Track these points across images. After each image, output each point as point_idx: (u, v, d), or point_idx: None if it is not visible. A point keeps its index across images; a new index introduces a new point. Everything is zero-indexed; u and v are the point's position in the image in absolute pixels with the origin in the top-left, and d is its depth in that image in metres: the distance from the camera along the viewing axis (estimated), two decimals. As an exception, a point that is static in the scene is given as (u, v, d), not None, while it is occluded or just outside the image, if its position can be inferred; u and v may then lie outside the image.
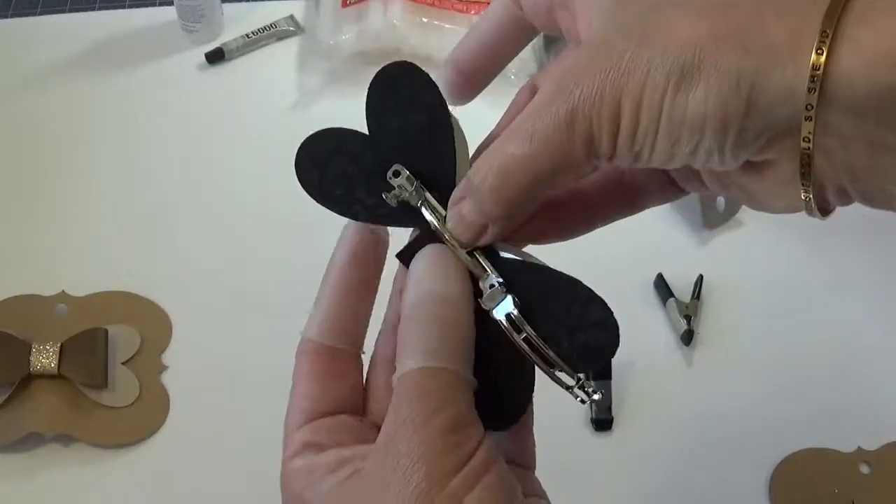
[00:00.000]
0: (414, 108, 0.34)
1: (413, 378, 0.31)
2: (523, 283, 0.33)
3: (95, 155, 0.81)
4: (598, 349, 0.32)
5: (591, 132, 0.29)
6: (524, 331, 0.32)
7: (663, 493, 0.65)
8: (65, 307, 0.71)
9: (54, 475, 0.64)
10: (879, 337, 0.72)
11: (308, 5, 0.92)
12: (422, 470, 0.29)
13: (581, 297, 0.32)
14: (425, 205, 0.33)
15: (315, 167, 0.35)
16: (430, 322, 0.32)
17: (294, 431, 0.34)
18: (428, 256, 0.33)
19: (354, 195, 0.34)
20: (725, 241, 0.76)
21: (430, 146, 0.34)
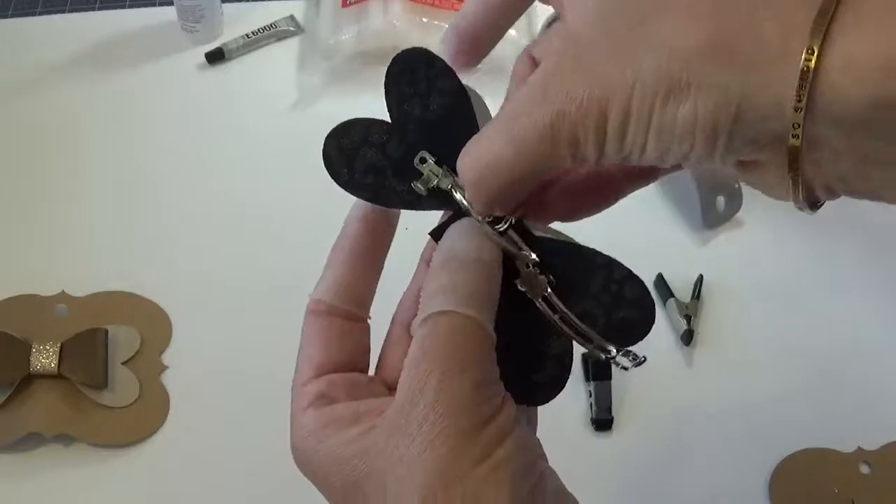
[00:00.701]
0: (432, 94, 0.34)
1: (440, 324, 0.30)
2: (558, 262, 0.33)
3: (95, 155, 0.81)
4: (634, 327, 0.33)
5: (577, 139, 0.29)
6: (559, 310, 0.33)
7: (663, 493, 0.65)
8: (65, 307, 0.71)
9: (54, 475, 0.64)
10: (879, 337, 0.72)
11: (308, 5, 0.92)
12: (451, 424, 0.29)
13: (618, 276, 0.33)
14: (455, 188, 0.33)
15: (343, 158, 0.35)
16: (461, 270, 0.31)
17: (305, 384, 0.34)
18: (458, 227, 0.33)
19: (385, 184, 0.35)
20: (725, 241, 0.76)
21: (452, 130, 0.34)
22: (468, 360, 0.30)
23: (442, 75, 0.34)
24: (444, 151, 0.34)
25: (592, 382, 0.67)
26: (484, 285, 0.32)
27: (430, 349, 0.30)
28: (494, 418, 0.30)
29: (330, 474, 0.31)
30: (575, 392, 0.67)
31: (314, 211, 0.78)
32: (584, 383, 0.68)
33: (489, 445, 0.29)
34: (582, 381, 0.68)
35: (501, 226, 0.33)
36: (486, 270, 0.32)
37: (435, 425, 0.29)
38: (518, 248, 0.33)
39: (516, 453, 0.29)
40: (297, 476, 0.69)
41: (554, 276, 0.33)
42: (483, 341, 0.31)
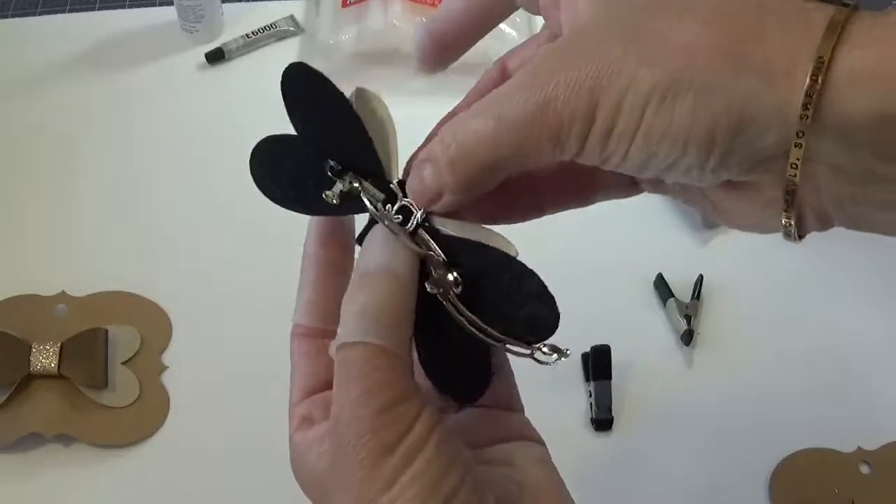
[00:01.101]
0: (317, 107, 0.34)
1: (347, 355, 0.31)
2: (465, 260, 0.33)
3: (95, 155, 0.81)
4: (542, 320, 0.32)
5: (560, 128, 0.28)
6: (461, 311, 0.33)
7: (663, 493, 0.65)
8: (65, 307, 0.71)
9: (54, 475, 0.64)
10: (879, 337, 0.72)
11: (308, 5, 0.92)
12: (363, 450, 0.30)
13: (515, 272, 0.32)
14: (363, 193, 0.34)
15: (270, 175, 0.36)
16: (367, 295, 0.32)
17: (294, 406, 0.36)
18: (372, 234, 0.34)
19: (311, 195, 0.35)
20: (725, 241, 0.76)
21: (347, 138, 0.34)
22: (374, 386, 0.31)
23: (323, 88, 0.34)
24: (346, 158, 0.34)
25: (592, 382, 0.67)
26: (395, 305, 0.32)
27: (341, 379, 0.31)
28: (406, 436, 0.30)
29: (307, 489, 0.34)
30: (575, 392, 0.67)
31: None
32: (584, 383, 0.68)
33: (400, 465, 0.30)
34: (582, 381, 0.68)
35: (410, 225, 0.33)
36: (397, 286, 0.32)
37: (348, 453, 0.30)
38: (427, 249, 0.33)
39: (427, 469, 0.30)
40: (297, 476, 0.68)
41: (463, 274, 0.32)
42: (391, 366, 0.31)
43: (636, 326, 0.71)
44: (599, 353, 0.67)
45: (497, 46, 0.87)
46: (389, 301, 0.32)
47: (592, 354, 0.67)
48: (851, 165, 0.27)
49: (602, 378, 0.67)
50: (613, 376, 0.67)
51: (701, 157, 0.27)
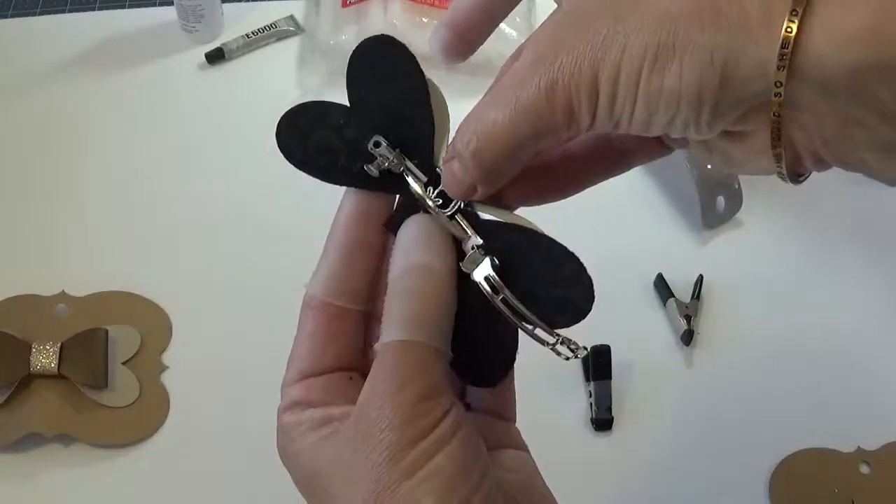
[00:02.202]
0: (393, 80, 0.35)
1: (391, 349, 0.32)
2: (504, 244, 0.34)
3: (95, 155, 0.81)
4: (575, 305, 0.33)
5: (571, 103, 0.30)
6: (501, 291, 0.33)
7: (663, 492, 0.65)
8: (65, 307, 0.71)
9: (54, 475, 0.64)
10: (879, 337, 0.72)
11: (308, 5, 0.92)
12: (389, 436, 0.31)
13: (557, 255, 0.33)
14: (407, 172, 0.34)
15: (297, 138, 0.36)
16: (410, 297, 0.33)
17: (288, 386, 0.36)
18: (411, 228, 0.34)
19: (337, 164, 0.35)
20: (725, 241, 0.76)
21: (409, 116, 0.34)
22: (411, 377, 0.32)
23: (403, 61, 0.34)
24: (398, 137, 0.34)
25: (592, 382, 0.67)
26: (433, 305, 0.33)
27: (379, 368, 0.32)
28: (432, 431, 0.31)
29: (294, 469, 0.34)
30: (575, 392, 0.67)
31: (314, 211, 0.78)
32: (584, 383, 0.68)
33: (422, 458, 0.31)
34: (582, 381, 0.68)
35: (449, 210, 0.34)
36: (436, 283, 0.33)
37: (375, 438, 0.31)
38: (464, 232, 0.34)
39: (449, 465, 0.31)
40: (297, 476, 0.68)
41: (499, 258, 0.33)
42: (427, 361, 0.32)
43: (636, 326, 0.71)
44: (599, 353, 0.67)
45: (497, 47, 0.88)
46: (432, 299, 0.33)
47: (592, 354, 0.67)
48: (832, 111, 0.28)
49: (602, 378, 0.67)
50: (613, 376, 0.67)
51: (694, 113, 0.29)
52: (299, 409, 0.35)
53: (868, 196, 0.79)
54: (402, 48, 0.35)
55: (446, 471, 0.30)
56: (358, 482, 0.31)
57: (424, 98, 0.34)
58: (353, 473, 0.31)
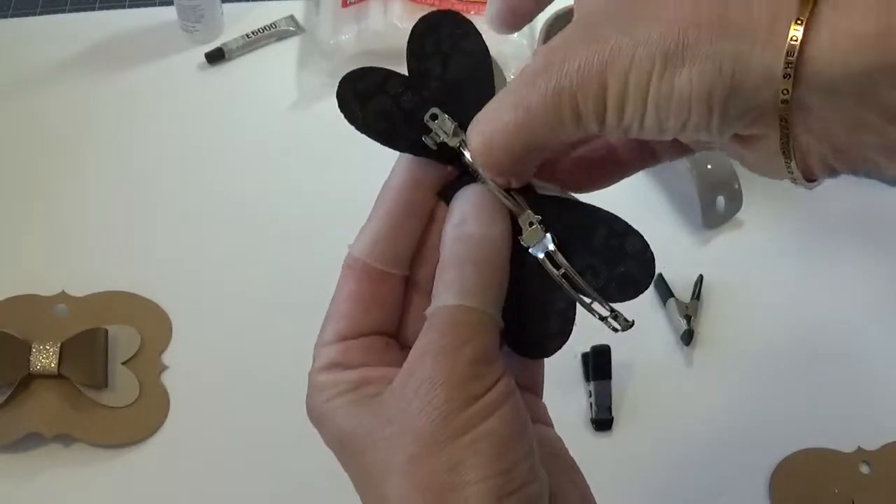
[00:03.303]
0: (456, 54, 0.35)
1: (445, 313, 0.32)
2: (561, 219, 0.34)
3: (95, 155, 0.81)
4: (634, 280, 0.34)
5: (578, 110, 0.30)
6: (562, 266, 0.33)
7: (663, 493, 0.65)
8: (65, 307, 0.71)
9: (54, 475, 0.64)
10: (879, 337, 0.72)
11: (308, 5, 0.92)
12: (445, 392, 0.30)
13: (619, 230, 0.34)
14: (464, 146, 0.34)
15: (357, 101, 0.35)
16: (467, 264, 0.33)
17: (324, 346, 0.35)
18: (468, 197, 0.34)
19: (397, 130, 0.35)
20: (725, 241, 0.76)
21: (470, 91, 0.35)
22: (465, 338, 0.31)
23: (468, 37, 0.35)
24: (457, 111, 0.34)
25: (592, 382, 0.67)
26: (489, 273, 0.33)
27: (432, 330, 0.32)
28: (486, 393, 0.31)
29: (327, 425, 0.34)
30: (575, 392, 0.67)
31: (314, 210, 0.78)
32: (584, 383, 0.68)
33: (477, 417, 0.30)
34: (582, 381, 0.68)
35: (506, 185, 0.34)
36: (493, 252, 0.33)
37: (429, 393, 0.30)
38: (521, 208, 0.34)
39: (502, 428, 0.31)
40: (296, 475, 0.69)
41: (556, 232, 0.34)
42: (484, 325, 0.32)
43: (636, 326, 0.71)
44: (599, 353, 0.67)
45: (496, 46, 0.88)
46: (489, 267, 0.33)
47: (592, 354, 0.67)
48: (840, 116, 0.28)
49: (602, 378, 0.67)
50: (613, 376, 0.67)
51: (704, 119, 0.29)
52: (337, 370, 0.34)
53: (868, 196, 0.79)
54: (470, 24, 0.35)
55: (498, 433, 0.30)
56: (405, 440, 0.30)
57: (488, 74, 0.35)
58: (401, 431, 0.31)
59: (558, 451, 0.36)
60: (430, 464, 0.30)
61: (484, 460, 0.30)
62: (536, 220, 0.34)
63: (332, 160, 0.78)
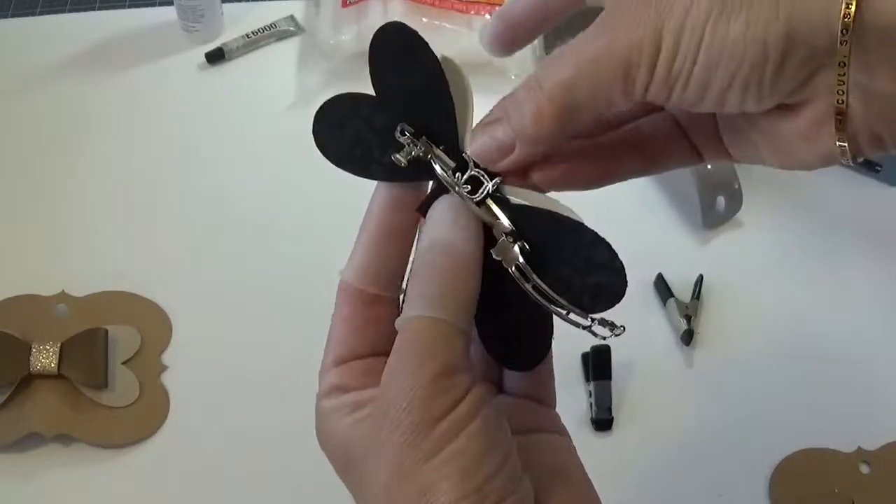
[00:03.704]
0: (409, 68, 0.35)
1: (410, 325, 0.32)
2: (534, 230, 0.33)
3: (95, 155, 0.81)
4: (607, 290, 0.33)
5: (630, 59, 0.30)
6: (531, 279, 0.33)
7: (663, 493, 0.65)
8: (65, 307, 0.71)
9: (54, 475, 0.64)
10: (879, 337, 0.72)
11: (308, 5, 0.92)
12: (409, 417, 0.30)
13: (586, 240, 0.33)
14: (434, 159, 0.34)
15: (332, 132, 0.35)
16: (432, 273, 0.33)
17: (325, 372, 0.35)
18: (440, 207, 0.34)
19: (371, 156, 0.35)
20: (725, 241, 0.76)
21: (429, 103, 0.34)
22: (429, 354, 0.31)
23: (419, 50, 0.34)
24: (422, 123, 0.34)
25: (592, 382, 0.67)
26: (459, 280, 0.33)
27: (397, 348, 0.32)
28: (453, 410, 0.30)
29: (332, 452, 0.34)
30: (575, 392, 0.67)
31: (314, 210, 0.78)
32: (584, 383, 0.68)
33: (444, 437, 0.30)
34: (582, 381, 0.68)
35: (478, 196, 0.34)
36: (462, 262, 0.33)
37: (396, 417, 0.30)
38: (494, 218, 0.34)
39: (472, 445, 0.30)
40: (295, 475, 0.69)
41: (529, 243, 0.33)
42: (445, 337, 0.32)
43: (636, 326, 0.70)
44: (599, 353, 0.67)
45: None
46: (454, 276, 0.33)
47: (592, 354, 0.67)
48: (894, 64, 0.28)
49: (602, 378, 0.67)
50: (613, 376, 0.67)
51: (757, 70, 0.29)
52: (337, 393, 0.34)
53: (868, 196, 0.79)
54: (413, 34, 0.35)
55: (468, 452, 0.30)
56: (380, 463, 0.30)
57: (441, 84, 0.34)
58: (377, 454, 0.31)
59: (564, 464, 0.36)
60: (403, 489, 0.30)
61: (455, 482, 0.29)
62: (507, 230, 0.33)
63: (332, 160, 0.78)
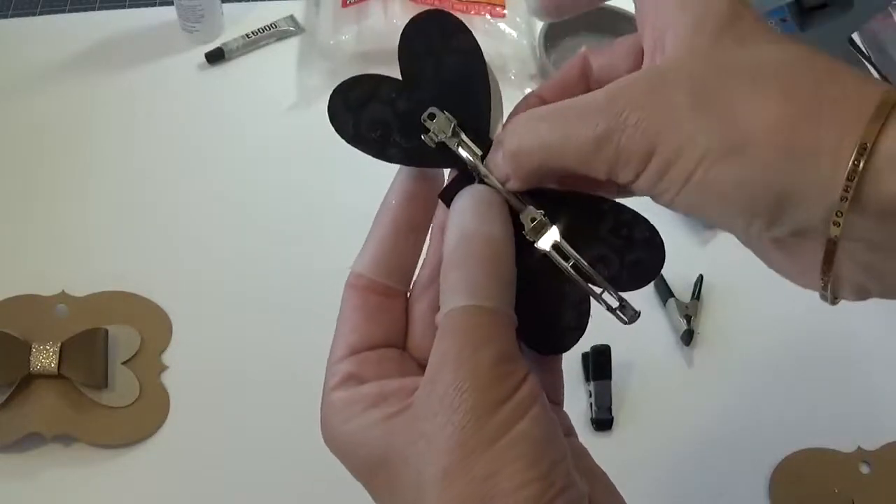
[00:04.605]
0: (449, 53, 0.35)
1: (458, 315, 0.31)
2: (564, 212, 0.34)
3: (95, 155, 0.81)
4: (646, 267, 0.34)
5: (617, 159, 0.30)
6: (571, 256, 0.33)
7: (663, 493, 0.65)
8: (65, 307, 0.71)
9: (54, 475, 0.64)
10: (879, 337, 0.72)
11: (308, 5, 0.92)
12: (470, 399, 0.29)
13: (626, 219, 0.34)
14: (462, 144, 0.34)
15: (349, 113, 0.35)
16: (474, 263, 0.32)
17: (337, 363, 0.34)
18: (469, 196, 0.34)
19: (390, 139, 0.35)
20: (725, 241, 0.76)
21: (466, 90, 0.34)
22: (483, 339, 0.30)
23: (460, 35, 0.35)
24: (453, 110, 0.34)
25: (592, 382, 0.67)
26: (497, 270, 0.32)
27: (448, 334, 0.31)
28: (513, 395, 0.30)
29: (354, 452, 0.32)
30: (575, 392, 0.67)
31: (314, 210, 0.78)
32: (584, 383, 0.68)
33: (508, 421, 0.29)
34: (582, 381, 0.68)
35: None
36: (499, 249, 0.33)
37: (455, 401, 0.29)
38: (524, 205, 0.34)
39: (535, 429, 0.30)
40: (296, 476, 0.69)
41: (561, 225, 0.33)
42: (499, 323, 0.31)
43: (636, 326, 0.71)
44: (599, 353, 0.67)
45: (496, 46, 0.87)
46: (494, 264, 0.32)
47: (592, 354, 0.67)
48: (889, 244, 0.28)
49: (602, 378, 0.67)
50: (613, 376, 0.67)
51: (745, 222, 0.29)
52: (353, 384, 0.33)
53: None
54: (460, 23, 0.35)
55: (532, 436, 0.29)
56: (436, 453, 0.29)
57: (483, 73, 0.34)
58: (427, 447, 0.29)
59: (590, 463, 0.35)
60: (465, 475, 0.29)
61: (521, 466, 0.29)
62: (539, 214, 0.33)
63: (331, 160, 0.77)
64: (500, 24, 0.87)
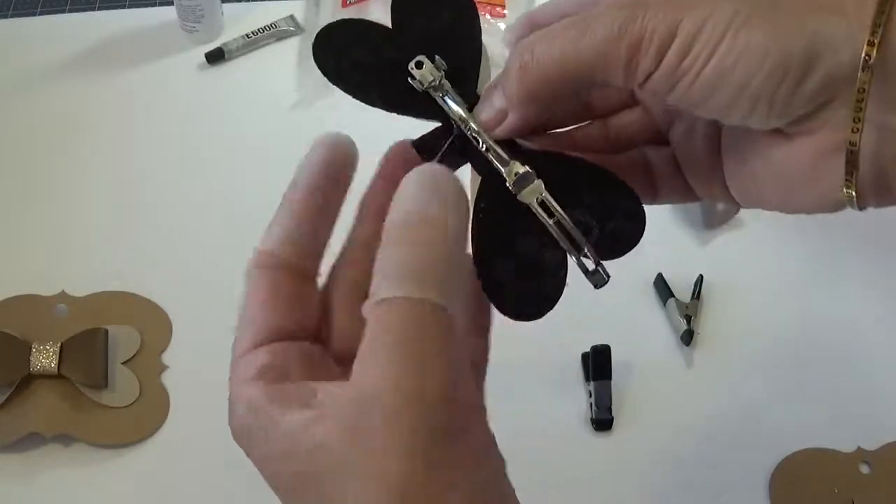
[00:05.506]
0: (441, 6, 0.34)
1: (399, 310, 0.27)
2: (549, 173, 0.32)
3: (95, 155, 0.81)
4: (626, 236, 0.33)
5: (640, 42, 0.29)
6: (556, 213, 0.32)
7: (663, 493, 0.65)
8: (65, 307, 0.71)
9: (54, 475, 0.64)
10: (880, 337, 0.71)
11: (308, 5, 0.92)
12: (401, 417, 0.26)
13: (610, 186, 0.33)
14: (449, 94, 0.33)
15: (332, 53, 0.34)
16: (417, 245, 0.28)
17: (249, 351, 0.30)
18: (422, 173, 0.29)
19: (374, 82, 0.34)
20: (725, 241, 0.76)
21: (456, 42, 0.34)
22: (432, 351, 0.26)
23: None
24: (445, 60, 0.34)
25: (592, 382, 0.67)
26: (444, 257, 0.28)
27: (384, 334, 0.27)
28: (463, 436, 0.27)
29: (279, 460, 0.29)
30: (575, 392, 0.67)
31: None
32: (584, 383, 0.68)
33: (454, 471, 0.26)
34: (582, 381, 0.68)
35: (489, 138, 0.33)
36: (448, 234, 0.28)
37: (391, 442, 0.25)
38: (505, 161, 0.32)
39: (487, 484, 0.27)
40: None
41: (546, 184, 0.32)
42: (443, 332, 0.27)
43: (636, 326, 0.71)
44: (599, 353, 0.67)
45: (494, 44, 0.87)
46: (439, 249, 0.28)
47: (592, 354, 0.67)
48: None
49: (602, 378, 0.67)
50: (613, 376, 0.67)
51: (773, 81, 0.28)
52: (273, 378, 0.29)
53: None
54: None
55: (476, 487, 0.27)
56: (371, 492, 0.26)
57: (475, 27, 0.34)
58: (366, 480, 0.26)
59: None
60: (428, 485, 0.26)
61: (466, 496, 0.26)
62: (525, 168, 0.32)
63: (332, 160, 0.78)
64: (500, 25, 0.87)
